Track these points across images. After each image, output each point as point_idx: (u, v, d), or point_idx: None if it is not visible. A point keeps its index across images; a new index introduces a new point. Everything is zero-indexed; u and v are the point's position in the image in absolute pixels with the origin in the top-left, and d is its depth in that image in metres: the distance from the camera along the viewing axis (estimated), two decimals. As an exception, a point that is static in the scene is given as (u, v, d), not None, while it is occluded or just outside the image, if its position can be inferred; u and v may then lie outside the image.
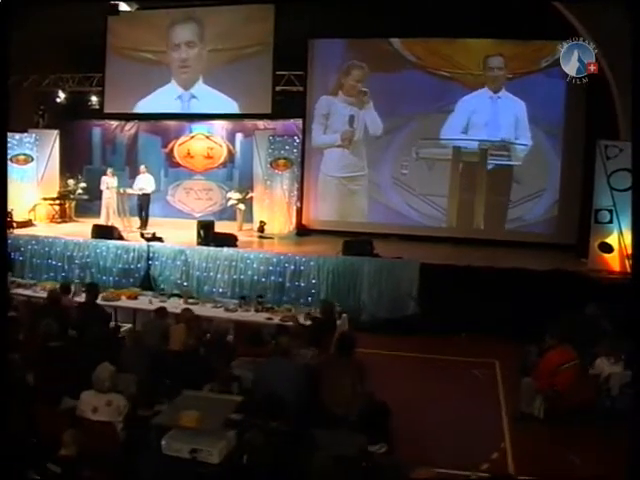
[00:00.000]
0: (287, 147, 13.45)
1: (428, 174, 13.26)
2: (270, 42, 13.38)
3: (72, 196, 14.82)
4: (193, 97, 14.41)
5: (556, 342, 6.80)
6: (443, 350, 9.21)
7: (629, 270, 9.99)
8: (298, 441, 4.58)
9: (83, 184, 14.88)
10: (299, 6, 12.95)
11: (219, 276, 10.98)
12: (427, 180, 13.27)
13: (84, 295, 8.75)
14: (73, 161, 15.64)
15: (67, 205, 14.91)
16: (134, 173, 15.65)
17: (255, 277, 10.82)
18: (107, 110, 14.63)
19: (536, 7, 11.41)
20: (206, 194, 15.71)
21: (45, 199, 14.53)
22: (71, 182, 14.90)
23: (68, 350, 6.22)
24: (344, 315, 8.52)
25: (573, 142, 12.44)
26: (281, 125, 14.83)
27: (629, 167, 9.87)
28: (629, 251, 10.08)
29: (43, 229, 13.59)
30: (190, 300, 9.03)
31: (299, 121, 14.30)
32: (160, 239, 11.72)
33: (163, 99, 14.46)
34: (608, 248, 10.30)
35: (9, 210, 13.88)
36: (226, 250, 11.09)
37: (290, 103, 14.16)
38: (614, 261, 10.28)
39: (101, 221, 13.63)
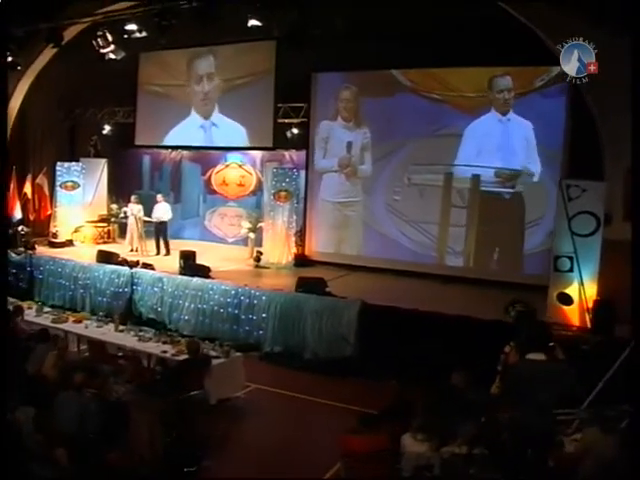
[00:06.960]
0: (287, 179, 13.62)
1: (420, 200, 12.83)
2: (272, 76, 13.71)
3: (113, 219, 16.11)
4: (214, 125, 15.16)
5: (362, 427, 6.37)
6: (360, 396, 8.75)
7: (589, 326, 8.97)
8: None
9: (125, 208, 16.07)
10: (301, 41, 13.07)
11: (186, 305, 11.40)
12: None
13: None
14: (124, 187, 16.92)
15: (111, 227, 16.25)
16: (177, 199, 16.82)
17: (216, 308, 11.11)
18: (138, 142, 15.79)
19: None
20: (237, 220, 16.20)
21: (88, 222, 15.94)
22: (114, 206, 16.22)
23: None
24: (238, 354, 8.56)
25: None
26: (303, 155, 14.97)
27: (592, 210, 9.00)
28: (590, 305, 9.02)
29: (83, 250, 14.90)
30: (120, 327, 9.56)
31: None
32: (150, 266, 12.42)
33: (187, 130, 15.46)
34: (567, 300, 9.15)
35: (54, 231, 15.63)
36: (195, 280, 11.49)
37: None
38: (573, 314, 9.11)
39: (126, 244, 14.78)
